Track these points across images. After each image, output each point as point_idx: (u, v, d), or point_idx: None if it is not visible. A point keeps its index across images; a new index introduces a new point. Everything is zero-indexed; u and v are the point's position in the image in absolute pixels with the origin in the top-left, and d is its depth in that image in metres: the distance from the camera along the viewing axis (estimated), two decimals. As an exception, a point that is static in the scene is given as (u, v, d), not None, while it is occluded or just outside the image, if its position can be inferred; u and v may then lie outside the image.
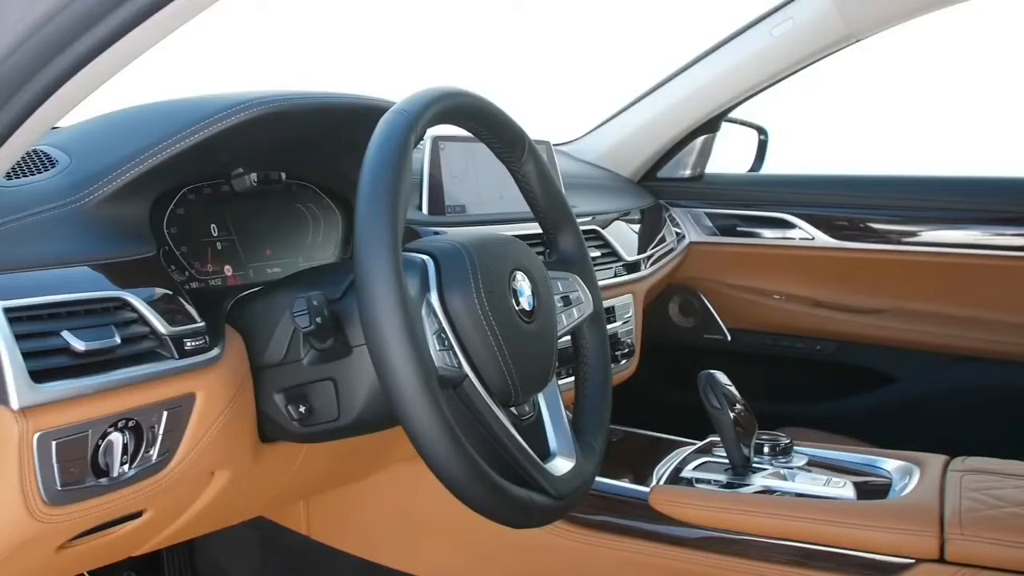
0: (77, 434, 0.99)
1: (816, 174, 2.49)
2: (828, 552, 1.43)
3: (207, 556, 1.98)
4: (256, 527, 1.91)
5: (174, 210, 1.26)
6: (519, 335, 1.10)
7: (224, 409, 1.15)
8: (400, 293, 0.93)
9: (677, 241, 2.41)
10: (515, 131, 1.25)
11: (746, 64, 2.28)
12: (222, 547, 1.97)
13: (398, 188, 0.98)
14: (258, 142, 1.29)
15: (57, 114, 0.84)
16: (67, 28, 0.75)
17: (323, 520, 1.86)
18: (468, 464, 0.95)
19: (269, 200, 1.40)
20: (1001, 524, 1.36)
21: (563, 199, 1.33)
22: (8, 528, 0.99)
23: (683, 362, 2.52)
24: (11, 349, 0.92)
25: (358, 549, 1.83)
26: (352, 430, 1.17)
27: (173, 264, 1.23)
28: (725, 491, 1.56)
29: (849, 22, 2.12)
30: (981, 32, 2.87)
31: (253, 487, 1.38)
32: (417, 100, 1.07)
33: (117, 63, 0.81)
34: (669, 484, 1.60)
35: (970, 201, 2.24)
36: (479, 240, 1.14)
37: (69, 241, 1.07)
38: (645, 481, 1.62)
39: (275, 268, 1.38)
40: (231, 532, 1.86)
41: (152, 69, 1.26)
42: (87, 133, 1.23)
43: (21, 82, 0.78)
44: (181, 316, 1.12)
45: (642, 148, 2.49)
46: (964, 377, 2.26)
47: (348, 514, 1.83)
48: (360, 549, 1.83)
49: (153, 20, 0.75)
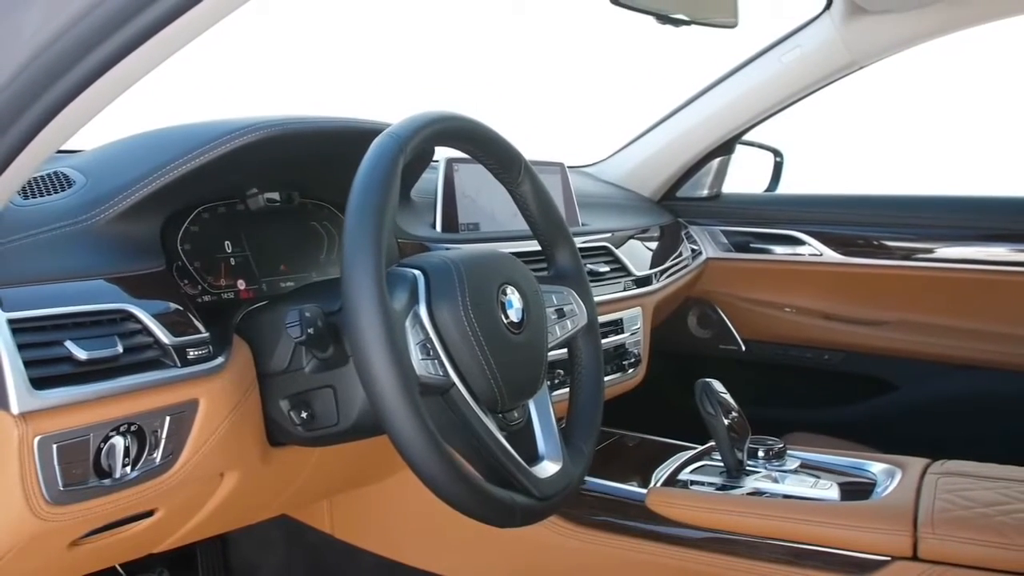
0: (78, 438, 1.00)
1: (823, 194, 2.51)
2: (812, 550, 1.45)
3: (239, 552, 1.99)
4: (283, 525, 1.92)
5: (188, 227, 1.27)
6: (506, 345, 1.10)
7: (228, 414, 1.16)
8: (382, 306, 0.95)
9: (693, 257, 2.42)
10: (510, 153, 1.25)
11: (757, 90, 2.30)
12: (252, 544, 1.98)
13: (384, 207, 1.00)
14: (266, 164, 1.30)
15: (69, 125, 0.84)
16: (82, 40, 0.75)
17: (346, 519, 1.87)
18: (447, 466, 0.96)
19: (284, 218, 1.42)
20: (971, 524, 1.37)
21: (559, 217, 1.33)
22: (12, 525, 1.00)
23: (700, 371, 2.53)
24: (12, 358, 0.93)
25: (380, 548, 1.84)
26: (351, 435, 1.18)
27: (186, 278, 1.24)
28: (717, 493, 1.58)
29: (852, 50, 2.14)
30: (981, 55, 2.87)
31: (266, 488, 1.39)
32: (408, 124, 1.08)
33: (125, 80, 0.82)
34: (666, 486, 1.62)
35: (967, 219, 2.24)
36: (469, 256, 1.15)
37: (80, 256, 1.09)
38: (645, 483, 1.64)
39: (289, 283, 1.39)
40: (261, 530, 1.89)
41: (173, 89, 1.31)
42: (105, 155, 1.25)
43: (39, 92, 0.79)
44: (186, 327, 1.13)
45: (661, 169, 2.52)
46: (960, 385, 2.26)
47: (370, 513, 1.83)
48: (382, 548, 1.83)
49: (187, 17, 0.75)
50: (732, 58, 2.35)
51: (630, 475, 1.68)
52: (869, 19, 2.07)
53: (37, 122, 0.81)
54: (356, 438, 1.19)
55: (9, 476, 0.96)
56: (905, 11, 2.01)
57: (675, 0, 1.76)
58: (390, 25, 3.69)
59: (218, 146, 1.17)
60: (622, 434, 1.92)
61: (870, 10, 2.03)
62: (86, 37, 0.76)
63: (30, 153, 0.84)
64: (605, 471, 1.69)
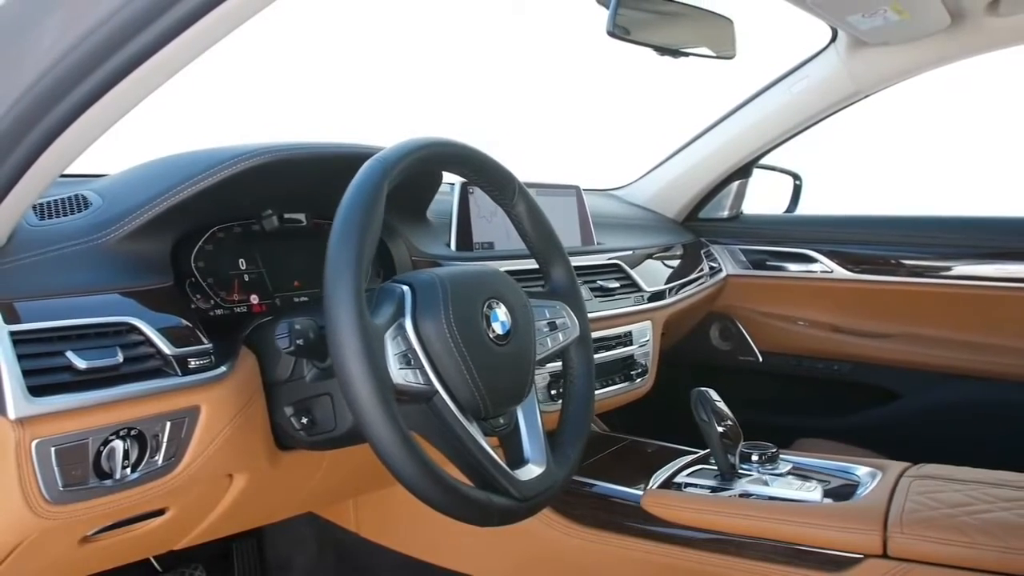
0: (77, 441, 1.02)
1: (833, 215, 2.55)
2: (793, 548, 1.47)
3: (274, 549, 2.02)
4: (313, 524, 1.95)
5: (203, 247, 1.29)
6: (489, 356, 1.11)
7: (231, 420, 1.18)
8: (358, 319, 0.97)
9: (711, 274, 2.48)
10: (504, 175, 1.27)
11: (769, 118, 2.36)
12: (286, 541, 2.02)
13: (366, 227, 1.02)
14: (271, 187, 1.32)
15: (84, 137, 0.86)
16: (98, 49, 0.77)
17: (370, 518, 1.89)
18: (421, 467, 0.98)
19: (297, 238, 1.43)
20: (937, 524, 1.38)
21: (554, 236, 1.34)
22: (13, 522, 1.01)
23: (720, 381, 2.57)
24: (11, 367, 0.96)
25: (403, 546, 1.86)
26: (347, 439, 1.20)
27: (199, 293, 1.27)
28: (708, 495, 1.61)
29: (856, 80, 2.18)
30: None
31: (279, 489, 1.40)
32: (395, 150, 1.11)
33: (120, 106, 0.83)
34: (662, 488, 1.65)
35: (966, 239, 2.27)
36: (456, 273, 1.16)
37: (89, 273, 1.10)
38: (643, 485, 1.67)
39: (302, 298, 1.41)
40: (293, 528, 1.93)
41: (197, 114, 1.35)
42: (122, 179, 1.28)
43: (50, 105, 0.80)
44: (189, 338, 1.14)
45: (684, 192, 2.58)
46: (960, 393, 2.28)
47: (393, 513, 1.85)
48: (405, 546, 1.85)
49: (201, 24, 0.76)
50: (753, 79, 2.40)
51: (632, 478, 1.71)
52: (871, 51, 2.11)
53: (36, 148, 0.84)
54: (353, 443, 1.21)
55: (8, 477, 0.98)
56: (901, 43, 2.04)
57: (673, 33, 1.79)
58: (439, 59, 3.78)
59: (219, 171, 1.19)
60: (633, 440, 1.95)
61: (870, 42, 2.07)
62: (76, 69, 0.79)
63: (31, 176, 0.87)
64: (610, 474, 1.73)
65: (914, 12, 1.85)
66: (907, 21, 1.89)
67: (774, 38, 2.29)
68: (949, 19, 1.88)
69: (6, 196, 0.89)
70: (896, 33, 1.99)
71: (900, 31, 1.97)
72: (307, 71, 3.39)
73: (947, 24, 1.91)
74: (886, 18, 1.87)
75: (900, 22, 1.89)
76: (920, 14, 1.87)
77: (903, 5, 1.82)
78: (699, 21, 1.82)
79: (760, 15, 2.05)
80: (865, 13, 1.86)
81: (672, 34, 1.79)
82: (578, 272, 1.83)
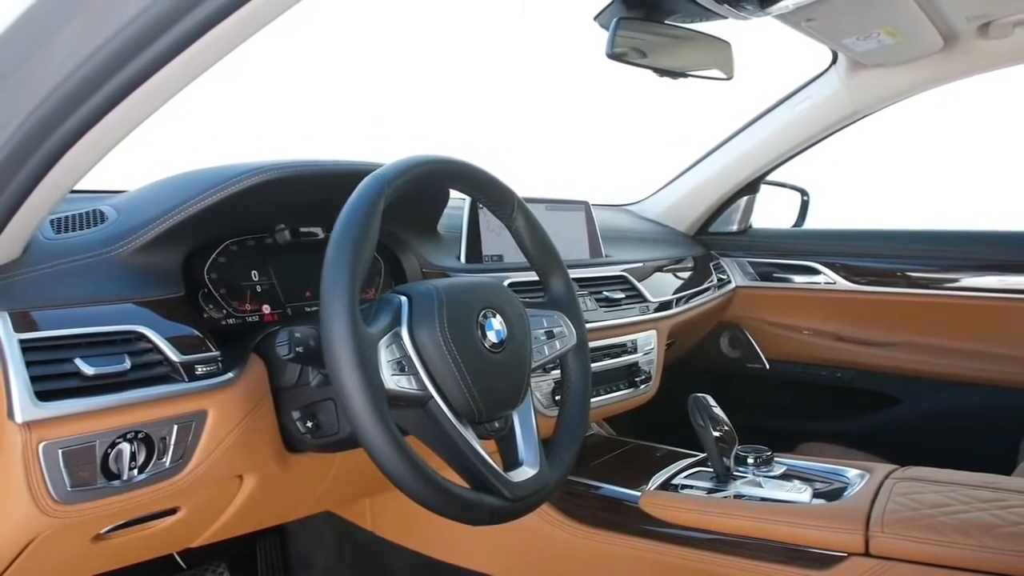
0: (84, 444, 1.03)
1: (836, 229, 2.58)
2: (783, 547, 1.49)
3: (297, 547, 2.05)
4: (331, 522, 1.97)
5: (216, 259, 1.31)
6: (483, 363, 1.12)
7: (239, 423, 1.19)
8: (352, 328, 0.98)
9: (719, 285, 2.51)
10: (502, 190, 1.27)
11: (774, 137, 2.40)
12: (307, 539, 2.04)
13: (361, 240, 1.03)
14: (278, 202, 1.33)
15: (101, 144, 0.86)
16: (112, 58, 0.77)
17: (386, 517, 1.90)
18: (412, 468, 0.99)
19: (309, 250, 1.42)
20: (916, 524, 1.40)
21: (552, 248, 1.34)
22: (22, 521, 1.03)
23: (730, 387, 2.60)
24: (20, 373, 0.97)
25: (418, 545, 1.86)
26: (351, 442, 1.20)
27: (212, 303, 1.29)
28: (703, 496, 1.63)
29: (856, 100, 2.22)
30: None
31: (290, 489, 1.41)
32: (393, 166, 1.11)
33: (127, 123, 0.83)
34: (659, 489, 1.67)
35: (964, 251, 2.30)
36: (453, 284, 1.17)
37: (101, 283, 1.11)
38: (642, 486, 1.69)
39: (314, 308, 1.41)
40: (315, 526, 1.95)
41: (217, 132, 1.38)
42: (138, 195, 1.29)
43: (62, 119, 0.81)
44: (198, 346, 1.16)
45: (694, 207, 2.62)
46: (958, 400, 2.29)
47: (407, 512, 1.82)
48: (420, 545, 1.86)
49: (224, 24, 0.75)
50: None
51: (633, 479, 1.73)
52: (869, 73, 2.14)
53: (46, 162, 0.84)
54: (355, 446, 1.19)
55: (16, 477, 0.99)
56: (897, 65, 2.07)
57: (672, 56, 1.80)
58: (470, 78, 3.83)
59: (226, 187, 1.21)
60: (637, 443, 1.98)
61: (867, 64, 2.10)
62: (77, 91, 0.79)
63: (42, 191, 0.88)
64: (611, 475, 1.76)
65: (907, 36, 1.89)
66: (901, 44, 1.92)
67: (783, 60, 2.32)
68: (942, 42, 1.91)
69: (17, 210, 0.91)
70: (891, 55, 2.02)
71: (895, 53, 2.00)
72: (326, 90, 3.43)
73: (940, 47, 1.93)
74: (880, 41, 1.90)
75: (894, 45, 1.92)
76: (913, 37, 1.90)
77: (896, 28, 1.85)
78: (698, 44, 1.83)
79: (766, 39, 2.08)
80: (860, 36, 1.89)
81: (671, 57, 1.81)
82: (585, 283, 1.89)
